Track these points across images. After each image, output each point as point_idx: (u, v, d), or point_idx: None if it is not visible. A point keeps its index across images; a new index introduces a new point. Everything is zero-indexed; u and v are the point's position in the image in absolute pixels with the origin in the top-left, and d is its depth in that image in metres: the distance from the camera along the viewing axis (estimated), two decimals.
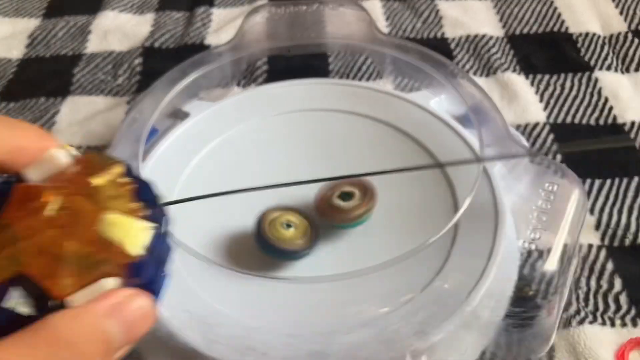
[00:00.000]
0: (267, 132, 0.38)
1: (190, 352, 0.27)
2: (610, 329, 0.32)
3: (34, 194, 0.18)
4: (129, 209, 0.18)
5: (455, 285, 0.29)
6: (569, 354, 0.31)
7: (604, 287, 0.34)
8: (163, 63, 0.48)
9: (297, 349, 0.27)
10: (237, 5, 0.56)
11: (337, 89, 0.41)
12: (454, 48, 0.50)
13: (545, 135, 0.42)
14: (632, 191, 0.38)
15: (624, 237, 0.36)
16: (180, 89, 0.38)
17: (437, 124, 0.37)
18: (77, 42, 0.52)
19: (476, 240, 0.31)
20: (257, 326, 0.28)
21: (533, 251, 0.30)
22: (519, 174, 0.33)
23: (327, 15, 0.44)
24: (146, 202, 0.18)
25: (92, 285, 0.17)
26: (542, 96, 0.45)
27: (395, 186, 0.35)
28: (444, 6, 0.54)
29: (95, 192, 0.18)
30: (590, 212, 0.37)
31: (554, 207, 0.31)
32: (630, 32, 0.50)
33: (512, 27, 0.52)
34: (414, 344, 0.27)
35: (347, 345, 0.28)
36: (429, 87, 0.40)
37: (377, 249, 0.31)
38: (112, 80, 0.49)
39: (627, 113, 0.43)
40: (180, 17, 0.55)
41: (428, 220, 0.33)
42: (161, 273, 0.18)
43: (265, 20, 0.44)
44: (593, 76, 0.46)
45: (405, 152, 0.36)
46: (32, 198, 0.18)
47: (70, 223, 0.17)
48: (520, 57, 0.48)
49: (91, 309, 0.16)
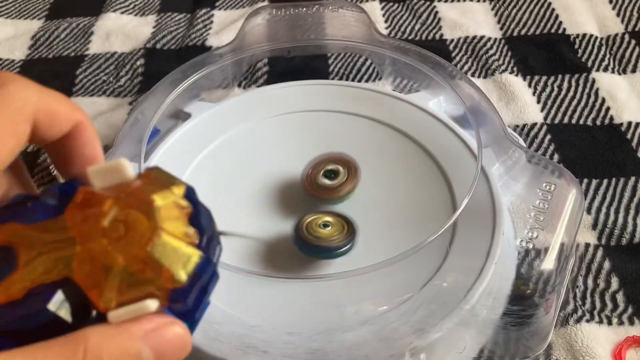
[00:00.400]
0: (268, 133, 0.38)
1: (191, 349, 0.28)
2: (607, 327, 0.32)
3: (95, 201, 0.18)
4: (183, 234, 0.17)
5: (454, 284, 0.30)
6: (566, 352, 0.31)
7: (601, 286, 0.34)
8: (165, 64, 0.48)
9: (297, 347, 0.28)
10: (238, 7, 0.56)
11: (337, 90, 0.41)
12: (453, 49, 0.50)
13: (543, 136, 0.42)
14: (629, 191, 0.38)
15: (620, 237, 0.36)
16: (182, 90, 0.38)
17: (436, 125, 0.38)
18: (79, 43, 0.53)
19: (474, 239, 0.31)
20: (257, 324, 0.29)
21: (530, 250, 0.30)
22: (516, 174, 0.33)
23: (327, 17, 0.44)
24: (202, 229, 0.18)
25: (135, 304, 0.16)
26: (540, 97, 0.45)
27: (394, 186, 0.35)
28: (443, 8, 0.54)
29: (154, 210, 0.17)
30: (587, 211, 0.37)
31: (552, 207, 0.31)
32: (627, 33, 0.50)
33: (510, 28, 0.52)
34: (413, 341, 0.27)
35: (346, 343, 0.28)
36: (428, 88, 0.40)
37: (376, 247, 0.31)
38: (114, 81, 0.49)
39: (624, 114, 0.43)
40: (182, 18, 0.55)
41: (426, 220, 0.33)
42: (203, 301, 0.18)
43: (265, 21, 0.44)
44: (590, 77, 0.46)
45: (404, 152, 0.37)
46: (93, 204, 0.18)
47: (125, 237, 0.17)
48: (518, 59, 0.49)
49: (128, 329, 0.16)
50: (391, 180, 0.35)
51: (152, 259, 0.17)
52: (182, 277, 0.17)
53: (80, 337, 0.16)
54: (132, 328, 0.16)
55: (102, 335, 0.16)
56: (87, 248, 0.17)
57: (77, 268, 0.17)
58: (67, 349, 0.15)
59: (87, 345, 0.15)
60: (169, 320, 0.17)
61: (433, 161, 0.36)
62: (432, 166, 0.36)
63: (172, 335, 0.17)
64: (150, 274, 0.17)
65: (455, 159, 0.36)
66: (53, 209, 0.18)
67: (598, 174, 0.40)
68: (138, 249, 0.17)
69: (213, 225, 0.19)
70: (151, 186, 0.18)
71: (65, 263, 0.17)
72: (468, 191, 0.30)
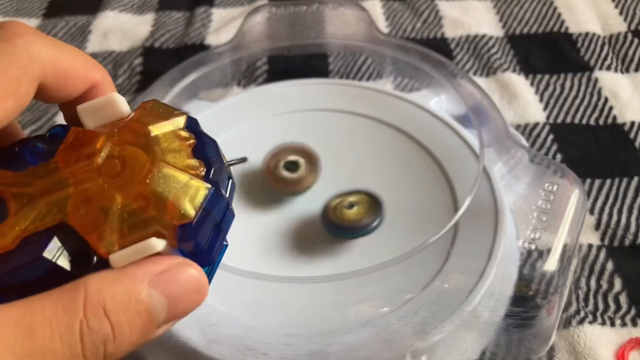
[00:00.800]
0: (267, 132, 0.38)
1: (190, 351, 0.27)
2: (610, 329, 0.32)
3: (88, 139, 0.16)
4: (187, 166, 0.16)
5: (455, 285, 0.29)
6: (569, 353, 0.31)
7: (604, 287, 0.34)
8: (163, 63, 0.48)
9: (297, 349, 0.27)
10: (237, 6, 0.56)
11: (337, 89, 0.41)
12: (454, 48, 0.50)
13: (545, 135, 0.42)
14: (632, 191, 0.38)
15: (623, 237, 0.36)
16: (181, 89, 0.38)
17: (437, 124, 0.38)
18: (77, 42, 0.52)
19: (476, 240, 0.31)
20: (257, 326, 0.28)
21: (533, 251, 0.30)
22: (518, 174, 0.33)
23: (327, 16, 0.44)
24: (208, 160, 0.16)
25: (138, 244, 0.15)
26: (542, 96, 0.45)
27: (396, 186, 0.35)
28: (444, 6, 0.54)
29: (152, 143, 0.16)
30: (590, 212, 0.37)
31: (554, 207, 0.31)
32: (630, 32, 0.50)
33: (512, 27, 0.52)
34: (414, 343, 0.27)
35: (347, 345, 0.28)
36: (429, 87, 0.40)
37: (377, 248, 0.31)
38: (112, 80, 0.49)
39: (627, 113, 0.43)
40: (181, 17, 0.55)
41: (428, 220, 0.33)
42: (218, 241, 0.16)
43: (265, 20, 0.44)
44: (593, 76, 0.46)
45: (405, 152, 0.36)
46: (85, 143, 0.16)
47: (122, 174, 0.16)
48: (520, 57, 0.48)
49: (132, 273, 0.15)
50: (392, 180, 0.35)
51: (154, 194, 0.15)
52: (190, 211, 0.15)
53: (80, 285, 0.14)
54: (136, 271, 0.15)
55: (103, 280, 0.14)
56: (81, 189, 0.15)
57: (73, 211, 0.15)
58: (66, 298, 0.14)
59: (87, 292, 0.14)
60: (180, 261, 0.15)
61: (434, 161, 0.36)
62: (433, 166, 0.35)
63: (186, 277, 0.15)
64: (153, 211, 0.15)
65: (457, 158, 0.35)
66: (44, 153, 0.16)
67: (601, 174, 0.39)
68: (137, 185, 0.15)
69: (221, 157, 0.17)
70: (148, 118, 0.17)
71: (59, 207, 0.15)
72: (470, 191, 0.30)
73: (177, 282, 0.15)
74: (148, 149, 0.16)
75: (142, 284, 0.14)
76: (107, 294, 0.14)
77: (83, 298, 0.14)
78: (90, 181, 0.16)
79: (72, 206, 0.15)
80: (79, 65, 0.17)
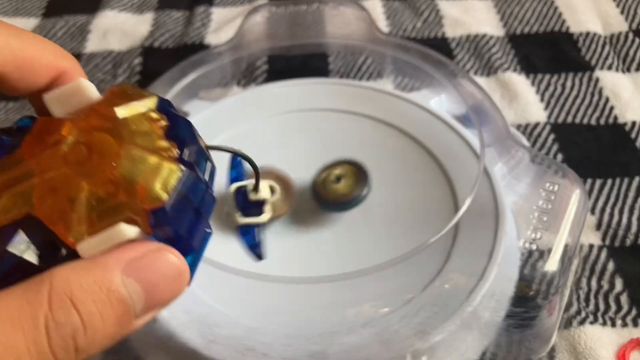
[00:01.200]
0: (267, 132, 0.38)
1: (190, 352, 0.27)
2: (611, 329, 0.31)
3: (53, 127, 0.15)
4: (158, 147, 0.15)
5: (456, 286, 0.29)
6: (570, 354, 0.31)
7: (605, 288, 0.33)
8: (163, 63, 0.47)
9: (297, 350, 0.27)
10: (237, 5, 0.56)
11: (337, 88, 0.41)
12: (455, 48, 0.50)
13: (546, 135, 0.42)
14: (633, 191, 0.38)
15: (624, 237, 0.36)
16: (180, 88, 0.38)
17: (438, 124, 0.37)
18: (76, 41, 0.52)
19: (477, 240, 0.31)
20: (256, 326, 0.28)
21: (534, 251, 0.30)
22: (519, 174, 0.33)
23: (327, 15, 0.44)
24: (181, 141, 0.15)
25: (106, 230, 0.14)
26: (543, 96, 0.45)
27: (395, 186, 0.34)
28: (445, 6, 0.54)
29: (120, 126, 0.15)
30: (591, 212, 0.37)
31: (555, 207, 0.31)
32: (631, 31, 0.50)
33: (513, 26, 0.51)
34: (414, 344, 0.27)
35: (347, 345, 0.27)
36: (430, 87, 0.40)
37: (378, 249, 0.31)
38: (112, 79, 0.48)
39: (628, 113, 0.43)
40: (180, 16, 0.54)
41: (428, 220, 0.32)
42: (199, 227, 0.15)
43: (265, 19, 0.44)
44: (594, 76, 0.46)
45: (406, 152, 0.36)
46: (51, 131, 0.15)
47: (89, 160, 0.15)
48: (520, 57, 0.48)
49: (102, 261, 0.14)
50: (392, 180, 0.35)
51: (123, 178, 0.14)
52: (161, 194, 0.14)
53: (45, 276, 0.13)
54: (107, 259, 0.14)
55: (70, 270, 0.13)
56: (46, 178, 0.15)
57: (38, 202, 0.14)
58: (30, 291, 0.13)
59: (52, 283, 0.13)
60: (156, 247, 0.14)
61: (434, 161, 0.36)
62: (434, 166, 0.35)
63: (163, 263, 0.14)
64: (123, 197, 0.14)
65: (457, 158, 0.35)
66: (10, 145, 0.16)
67: (602, 174, 0.39)
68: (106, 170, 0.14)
69: (196, 138, 0.16)
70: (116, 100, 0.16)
71: (24, 199, 0.15)
72: (470, 191, 0.30)
73: (153, 268, 0.14)
74: (116, 132, 0.15)
75: (114, 271, 0.14)
76: (74, 284, 0.13)
77: (48, 289, 0.13)
78: (54, 170, 0.15)
79: (38, 197, 0.15)
80: (42, 54, 0.16)
